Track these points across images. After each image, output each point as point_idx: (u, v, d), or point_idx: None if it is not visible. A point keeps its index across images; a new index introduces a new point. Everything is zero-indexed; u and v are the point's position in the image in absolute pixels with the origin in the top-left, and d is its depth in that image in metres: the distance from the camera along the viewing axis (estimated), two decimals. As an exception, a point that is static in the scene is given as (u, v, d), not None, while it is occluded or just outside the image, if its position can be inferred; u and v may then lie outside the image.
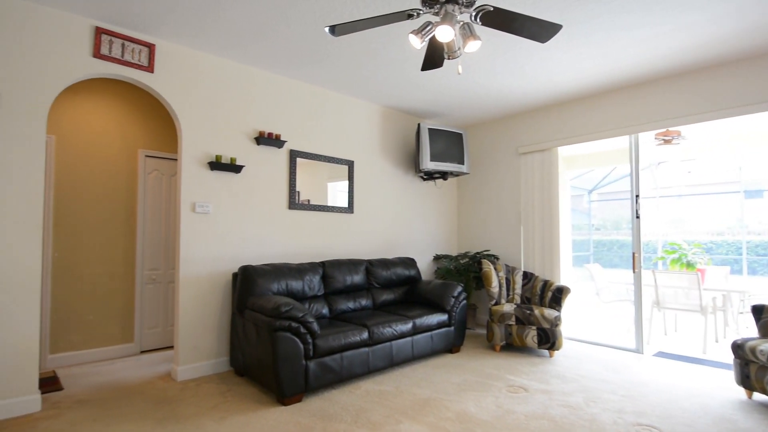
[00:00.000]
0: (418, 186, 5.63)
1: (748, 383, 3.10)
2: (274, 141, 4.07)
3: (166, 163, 4.63)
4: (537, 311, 4.21)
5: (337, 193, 4.73)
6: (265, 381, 3.13)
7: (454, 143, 5.23)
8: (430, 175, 5.48)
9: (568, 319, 5.03)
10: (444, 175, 5.41)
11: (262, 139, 3.99)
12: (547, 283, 4.66)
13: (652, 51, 3.61)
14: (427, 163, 5.00)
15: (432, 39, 2.54)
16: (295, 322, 3.04)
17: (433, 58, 2.73)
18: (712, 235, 8.42)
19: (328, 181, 4.66)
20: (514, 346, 4.54)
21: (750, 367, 3.10)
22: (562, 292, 4.40)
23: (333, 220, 4.64)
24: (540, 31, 2.36)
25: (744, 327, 5.35)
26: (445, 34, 2.18)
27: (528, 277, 4.90)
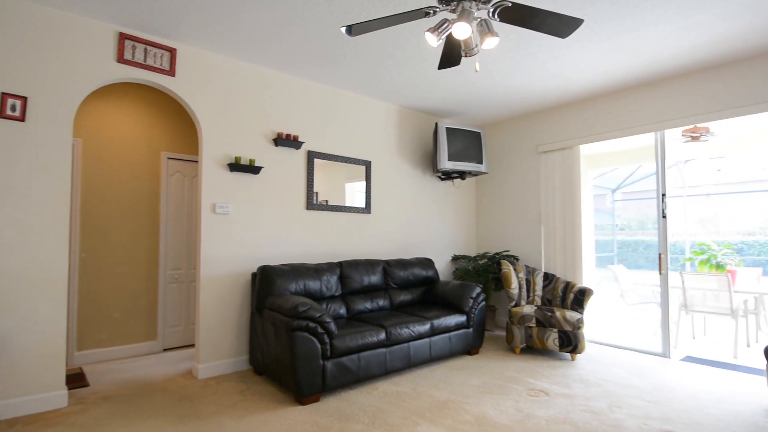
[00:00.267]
0: (436, 186, 5.59)
1: (783, 390, 2.96)
2: (292, 142, 4.10)
3: (187, 165, 4.72)
4: (558, 313, 4.12)
5: (354, 194, 4.74)
6: (283, 380, 3.15)
7: (472, 142, 5.17)
8: (448, 175, 5.43)
9: (590, 322, 4.91)
10: (462, 174, 5.35)
11: (280, 140, 4.03)
12: (568, 285, 4.55)
13: (679, 45, 3.49)
14: (445, 163, 4.96)
15: (449, 36, 2.51)
16: (313, 322, 3.05)
17: (450, 56, 2.70)
18: (743, 235, 8.09)
19: (346, 181, 4.67)
20: (535, 349, 4.45)
21: (785, 373, 2.95)
22: (584, 293, 4.29)
23: (350, 221, 4.65)
24: (560, 26, 2.30)
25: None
26: (462, 31, 2.15)
27: (549, 278, 4.81)
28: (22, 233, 2.83)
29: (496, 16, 2.25)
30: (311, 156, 4.32)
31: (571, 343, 4.04)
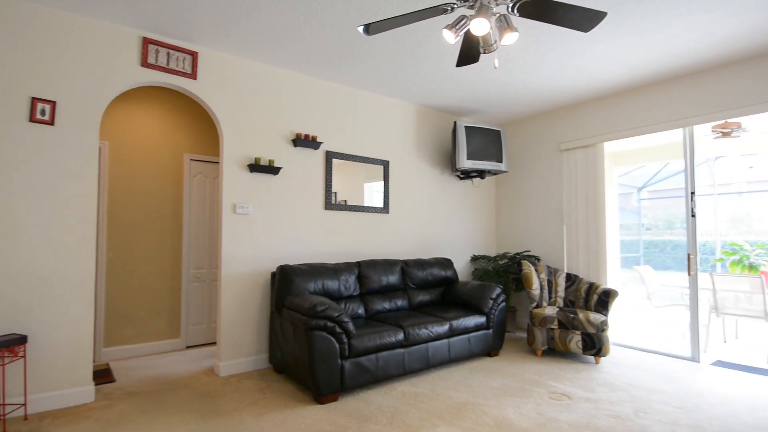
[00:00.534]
0: (455, 185, 5.54)
1: (823, 399, 2.81)
2: (311, 142, 4.13)
3: (209, 167, 4.80)
4: (581, 315, 4.02)
5: (373, 194, 4.73)
6: (302, 379, 3.17)
7: (491, 141, 5.10)
8: (467, 174, 5.37)
9: (615, 324, 4.78)
10: (481, 173, 5.28)
11: (299, 140, 4.06)
12: (592, 286, 4.44)
13: (708, 37, 3.35)
14: (464, 162, 4.90)
15: (467, 33, 2.48)
16: (331, 321, 3.06)
17: (469, 52, 2.66)
18: (779, 235, 7.72)
19: (364, 181, 4.67)
20: (557, 351, 4.36)
21: (826, 380, 2.80)
22: (609, 295, 4.17)
23: (368, 221, 4.64)
24: (582, 20, 2.24)
25: (818, 336, 4.87)
26: (480, 27, 2.11)
27: (571, 279, 4.70)
28: (51, 233, 2.93)
29: (516, 11, 2.21)
30: (329, 156, 4.34)
31: (594, 345, 3.94)
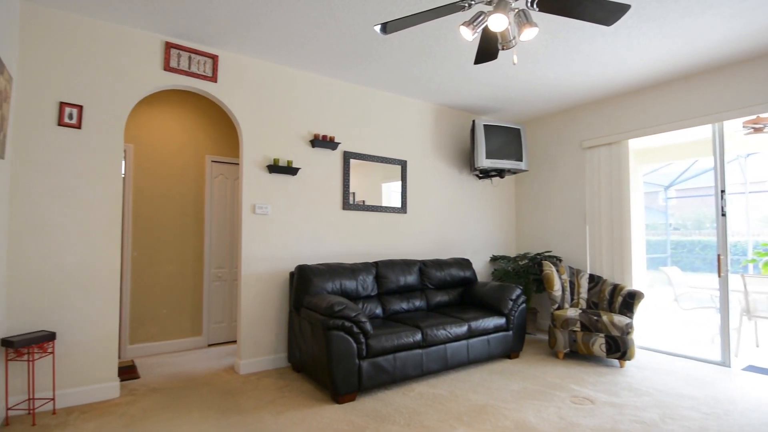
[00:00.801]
0: (474, 185, 5.48)
1: None
2: (329, 143, 4.15)
3: (230, 168, 4.88)
4: (605, 317, 3.92)
5: (391, 194, 4.72)
6: (320, 378, 3.19)
7: (511, 139, 5.02)
8: (486, 174, 5.30)
9: (641, 327, 4.63)
10: (501, 172, 5.21)
11: (317, 141, 4.08)
12: (617, 287, 4.32)
13: (739, 29, 3.21)
14: (483, 161, 4.84)
15: (485, 29, 2.44)
16: (348, 321, 3.06)
17: (487, 49, 2.62)
18: (817, 235, 7.36)
19: (382, 181, 4.66)
20: (580, 354, 4.26)
21: None
22: (634, 297, 4.05)
23: (386, 221, 4.64)
24: (605, 13, 2.18)
25: None
26: (498, 23, 2.08)
27: (595, 280, 4.58)
28: (79, 233, 3.02)
29: (535, 6, 2.16)
30: (347, 156, 4.35)
31: (619, 349, 3.83)
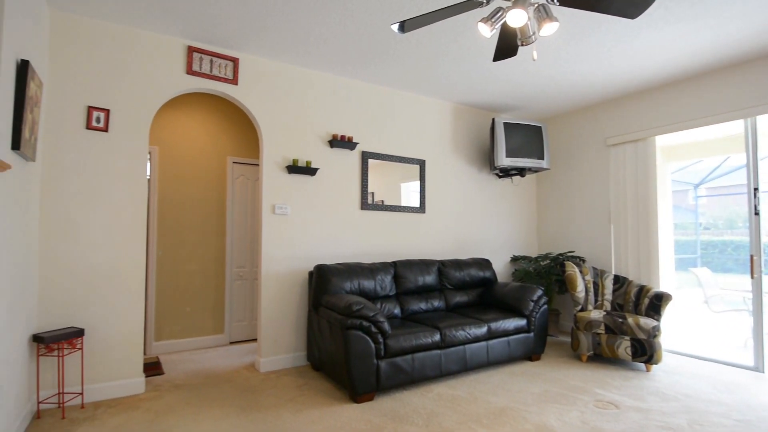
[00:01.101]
0: (494, 184, 5.40)
1: None
2: (347, 143, 4.16)
3: (251, 169, 4.96)
4: (631, 320, 3.80)
5: (409, 194, 4.71)
6: (338, 377, 3.20)
7: (532, 137, 4.93)
8: (506, 172, 5.22)
9: (669, 330, 4.48)
10: (521, 171, 5.12)
11: (335, 141, 4.10)
12: (643, 289, 4.19)
13: (775, 18, 3.07)
14: (503, 160, 4.77)
15: (503, 25, 2.40)
16: (366, 321, 3.06)
17: (506, 46, 2.58)
18: None
19: (401, 181, 4.65)
20: (604, 357, 4.14)
21: None
22: (661, 299, 3.92)
23: (404, 220, 4.62)
24: (629, 6, 2.11)
25: None
26: (517, 18, 2.04)
27: (620, 281, 4.45)
28: (106, 233, 3.12)
29: (555, 1, 2.11)
30: (365, 156, 4.35)
31: (645, 352, 3.71)
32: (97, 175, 3.11)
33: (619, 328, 3.82)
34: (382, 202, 4.48)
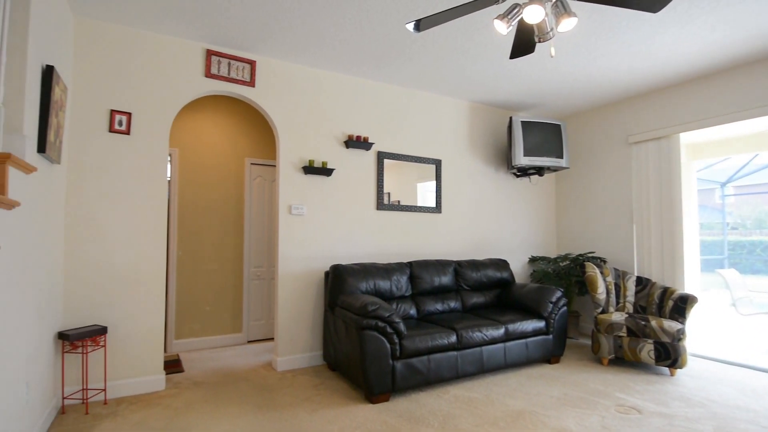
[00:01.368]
0: (511, 183, 5.33)
1: None
2: (363, 143, 4.16)
3: (268, 170, 5.02)
4: (654, 322, 3.69)
5: (426, 194, 4.68)
6: (354, 377, 3.20)
7: (551, 136, 4.85)
8: (524, 172, 5.14)
9: (694, 333, 4.34)
10: (540, 170, 5.03)
11: (351, 142, 4.11)
12: (667, 291, 4.07)
13: (808, 9, 2.93)
14: (521, 159, 4.70)
15: (520, 22, 2.36)
16: (382, 321, 3.05)
17: (523, 43, 2.53)
18: None
19: (417, 181, 4.63)
20: (626, 361, 4.03)
21: None
22: (686, 301, 3.80)
23: (420, 221, 4.60)
24: (650, 1, 2.05)
25: None
26: (534, 14, 2.00)
27: (642, 283, 4.33)
28: (128, 234, 3.20)
29: (573, -4, 2.06)
30: (381, 156, 4.35)
31: (669, 356, 3.60)
32: (120, 176, 3.19)
33: (641, 330, 3.72)
34: (398, 202, 4.46)
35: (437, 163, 4.72)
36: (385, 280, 3.79)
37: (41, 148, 2.36)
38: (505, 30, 2.18)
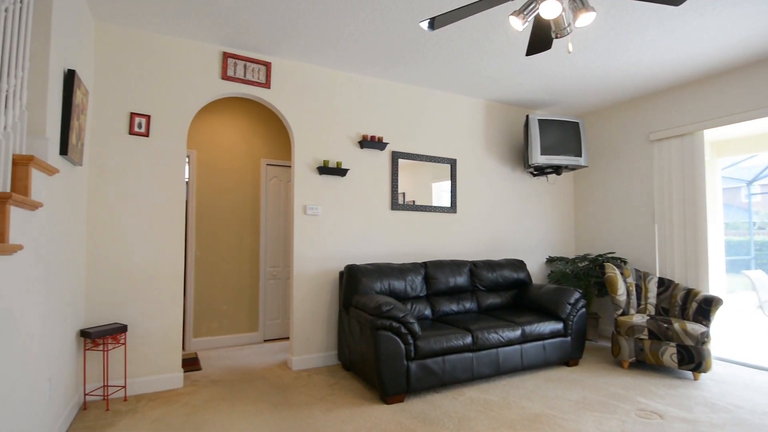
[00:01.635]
0: (528, 182, 5.25)
1: None
2: (377, 143, 4.16)
3: (283, 170, 5.05)
4: (677, 325, 3.59)
5: (441, 193, 4.65)
6: (368, 378, 3.20)
7: (569, 134, 4.76)
8: (541, 171, 5.06)
9: (719, 336, 4.20)
10: (557, 169, 4.94)
11: (365, 142, 4.11)
12: (690, 292, 3.95)
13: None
14: (538, 158, 4.63)
15: (536, 18, 2.32)
16: (396, 322, 3.04)
17: (539, 39, 2.49)
18: None
19: (432, 181, 4.60)
20: (647, 364, 3.93)
21: None
22: (711, 303, 3.68)
23: (435, 221, 4.57)
24: (672, -8, 1.99)
25: None
26: (551, 9, 1.96)
27: (664, 284, 4.22)
28: (147, 234, 3.26)
29: (591, -10, 2.01)
30: (395, 156, 4.33)
31: (693, 359, 3.49)
32: (139, 178, 3.25)
33: (664, 333, 3.62)
34: (413, 202, 4.44)
35: (452, 163, 4.69)
36: (399, 281, 3.77)
37: (63, 150, 2.42)
38: (521, 26, 2.14)
